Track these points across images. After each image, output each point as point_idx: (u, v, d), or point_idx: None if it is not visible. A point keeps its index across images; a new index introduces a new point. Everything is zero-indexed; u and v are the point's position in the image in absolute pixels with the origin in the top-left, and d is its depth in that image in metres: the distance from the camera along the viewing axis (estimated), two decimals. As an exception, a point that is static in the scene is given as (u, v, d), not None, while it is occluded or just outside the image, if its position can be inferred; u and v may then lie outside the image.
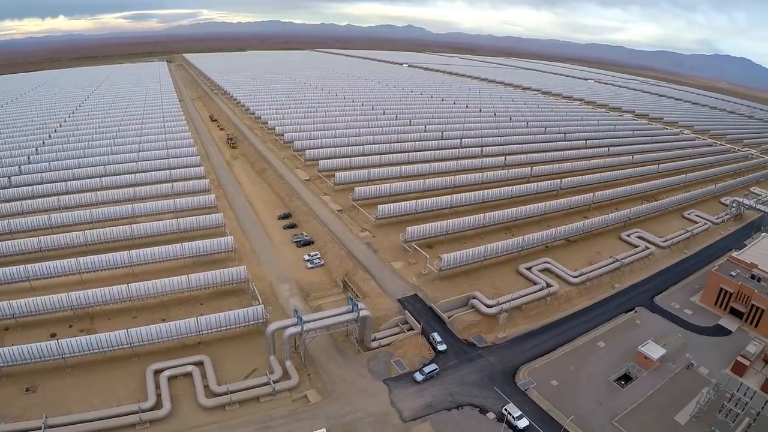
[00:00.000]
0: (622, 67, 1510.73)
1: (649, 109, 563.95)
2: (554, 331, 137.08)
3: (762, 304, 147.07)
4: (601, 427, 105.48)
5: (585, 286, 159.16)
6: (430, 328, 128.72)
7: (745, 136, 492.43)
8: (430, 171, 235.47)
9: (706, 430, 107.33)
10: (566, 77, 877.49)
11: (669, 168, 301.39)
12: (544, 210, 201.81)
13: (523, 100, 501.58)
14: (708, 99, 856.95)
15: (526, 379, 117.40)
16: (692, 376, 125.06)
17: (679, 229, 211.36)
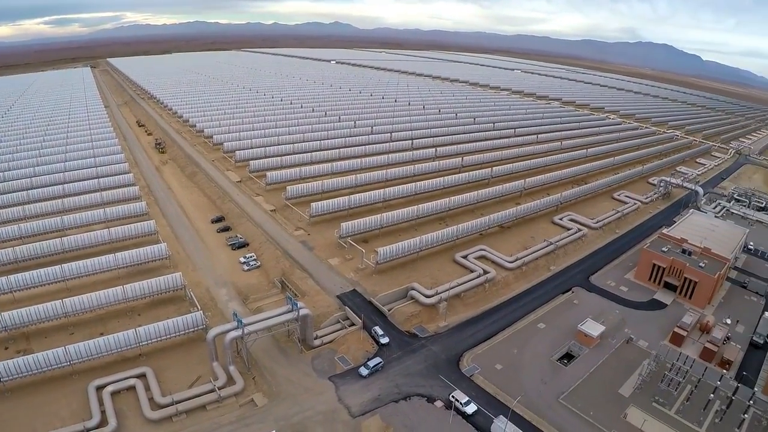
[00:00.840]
0: (548, 57, 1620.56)
1: (576, 97, 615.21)
2: (495, 317, 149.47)
3: (694, 276, 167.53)
4: (548, 405, 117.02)
5: (521, 270, 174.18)
6: (371, 322, 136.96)
7: (670, 119, 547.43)
8: (362, 166, 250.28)
9: (650, 400, 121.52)
10: (494, 68, 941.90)
11: (597, 152, 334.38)
12: (477, 198, 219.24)
13: (452, 92, 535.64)
14: (632, 84, 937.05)
15: (471, 365, 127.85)
16: (632, 349, 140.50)
17: (610, 210, 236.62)
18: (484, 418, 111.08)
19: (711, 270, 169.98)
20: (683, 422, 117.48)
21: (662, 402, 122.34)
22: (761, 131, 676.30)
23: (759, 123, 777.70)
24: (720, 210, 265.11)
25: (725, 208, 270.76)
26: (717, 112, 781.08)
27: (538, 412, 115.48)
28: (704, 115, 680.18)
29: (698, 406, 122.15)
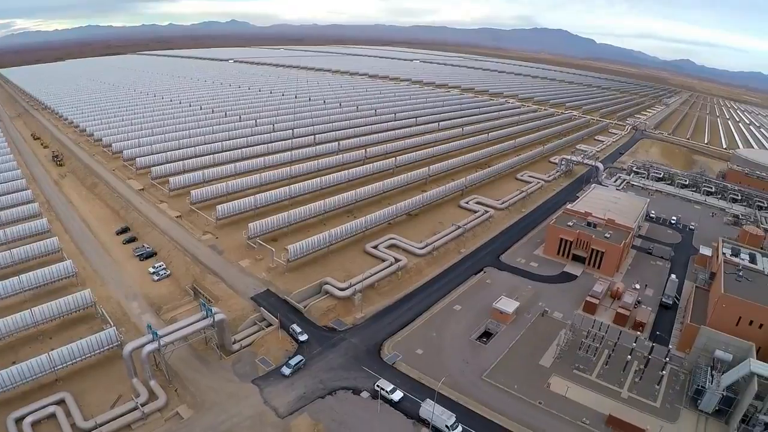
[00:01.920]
0: (446, 46, 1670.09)
1: (475, 84, 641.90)
2: (410, 303, 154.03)
3: (600, 247, 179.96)
4: (472, 384, 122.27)
5: (432, 255, 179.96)
6: (288, 321, 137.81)
7: (567, 100, 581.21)
8: (266, 165, 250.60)
9: (570, 368, 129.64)
10: (393, 60, 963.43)
11: (498, 135, 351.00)
12: (383, 189, 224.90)
13: (352, 85, 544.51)
14: (530, 69, 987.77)
15: (392, 353, 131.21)
16: (548, 322, 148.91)
17: (515, 190, 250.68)
18: (411, 404, 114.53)
19: (616, 240, 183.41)
20: (605, 385, 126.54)
21: (582, 368, 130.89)
22: (655, 107, 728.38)
23: (653, 99, 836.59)
24: (621, 183, 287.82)
25: (625, 180, 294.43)
26: (612, 91, 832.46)
27: (464, 391, 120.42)
28: (600, 95, 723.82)
29: (617, 369, 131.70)
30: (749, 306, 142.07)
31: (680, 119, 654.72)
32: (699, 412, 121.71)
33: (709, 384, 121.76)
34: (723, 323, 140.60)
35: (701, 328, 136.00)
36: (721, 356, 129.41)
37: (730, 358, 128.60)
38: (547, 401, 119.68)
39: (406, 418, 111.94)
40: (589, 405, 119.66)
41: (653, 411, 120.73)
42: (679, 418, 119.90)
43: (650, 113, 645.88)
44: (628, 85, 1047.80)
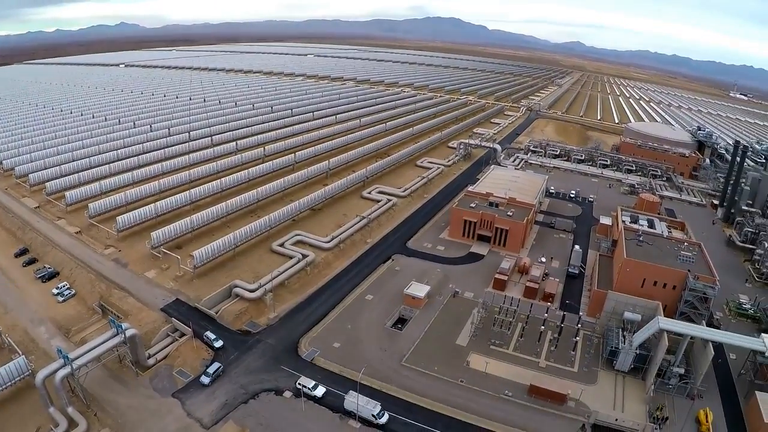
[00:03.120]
0: (340, 39, 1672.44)
1: (370, 75, 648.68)
2: (322, 297, 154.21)
3: (504, 225, 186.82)
4: (393, 371, 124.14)
5: (340, 248, 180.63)
6: (201, 329, 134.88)
7: (462, 86, 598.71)
8: (164, 170, 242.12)
9: (487, 344, 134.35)
10: (287, 56, 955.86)
11: (396, 124, 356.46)
12: (284, 186, 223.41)
13: (246, 84, 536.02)
14: (424, 58, 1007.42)
15: (309, 350, 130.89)
16: (460, 302, 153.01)
17: (416, 177, 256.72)
18: (335, 398, 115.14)
19: (519, 217, 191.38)
20: (522, 357, 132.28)
21: (499, 343, 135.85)
22: (548, 88, 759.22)
23: (546, 81, 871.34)
24: (519, 162, 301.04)
25: (523, 159, 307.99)
26: (506, 75, 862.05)
27: (385, 379, 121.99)
28: (494, 80, 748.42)
29: (533, 340, 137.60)
30: (651, 268, 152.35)
31: (573, 98, 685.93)
32: (616, 372, 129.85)
33: (622, 344, 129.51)
34: (628, 286, 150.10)
35: (608, 293, 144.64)
36: (630, 317, 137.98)
37: (639, 318, 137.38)
38: (469, 379, 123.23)
39: (332, 413, 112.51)
40: (509, 378, 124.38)
41: (572, 376, 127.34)
42: (597, 379, 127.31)
43: (544, 94, 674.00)
44: (522, 68, 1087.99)
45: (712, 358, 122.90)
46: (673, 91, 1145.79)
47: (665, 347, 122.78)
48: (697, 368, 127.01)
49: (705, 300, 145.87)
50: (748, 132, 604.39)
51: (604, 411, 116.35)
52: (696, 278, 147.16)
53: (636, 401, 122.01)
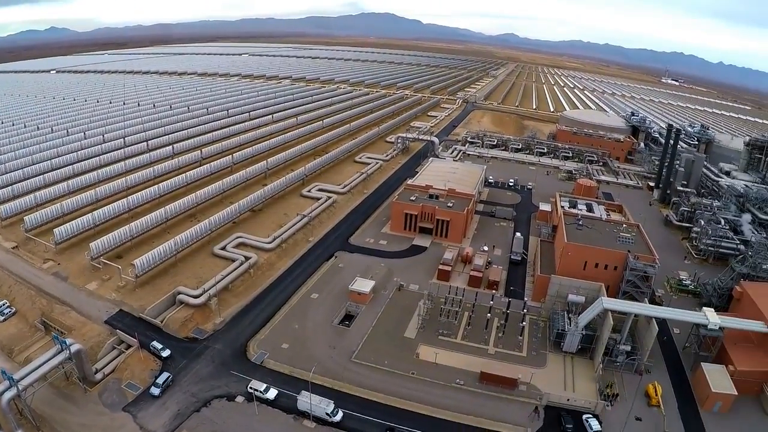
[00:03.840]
0: (274, 38, 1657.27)
1: (306, 72, 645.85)
2: (268, 299, 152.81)
3: (445, 216, 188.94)
4: (343, 368, 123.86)
5: (282, 248, 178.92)
6: (147, 339, 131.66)
7: (398, 80, 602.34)
8: (100, 178, 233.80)
9: (435, 335, 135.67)
10: (222, 56, 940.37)
11: (333, 121, 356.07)
12: (223, 188, 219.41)
13: (181, 85, 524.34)
14: (360, 54, 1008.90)
15: (258, 352, 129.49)
16: (406, 295, 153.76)
17: (355, 173, 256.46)
18: (288, 399, 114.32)
19: (459, 207, 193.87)
20: (471, 345, 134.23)
21: (447, 333, 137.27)
22: (484, 80, 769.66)
23: (481, 73, 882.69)
24: (457, 154, 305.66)
25: (461, 151, 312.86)
26: (441, 68, 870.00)
27: (336, 376, 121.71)
28: (430, 73, 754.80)
29: (480, 328, 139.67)
30: (592, 250, 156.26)
31: (508, 89, 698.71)
32: (564, 354, 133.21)
33: (568, 326, 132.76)
34: (571, 270, 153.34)
35: (552, 277, 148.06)
36: (574, 299, 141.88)
37: (583, 299, 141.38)
38: (419, 371, 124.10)
39: (286, 414, 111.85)
40: (460, 366, 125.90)
41: (521, 360, 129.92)
42: (546, 362, 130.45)
43: (480, 86, 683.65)
44: (457, 61, 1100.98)
45: (656, 334, 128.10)
46: (606, 79, 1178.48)
47: (610, 326, 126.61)
48: (643, 345, 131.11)
49: (646, 278, 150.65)
50: (681, 115, 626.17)
51: (555, 392, 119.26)
52: (636, 258, 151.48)
53: (586, 380, 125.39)
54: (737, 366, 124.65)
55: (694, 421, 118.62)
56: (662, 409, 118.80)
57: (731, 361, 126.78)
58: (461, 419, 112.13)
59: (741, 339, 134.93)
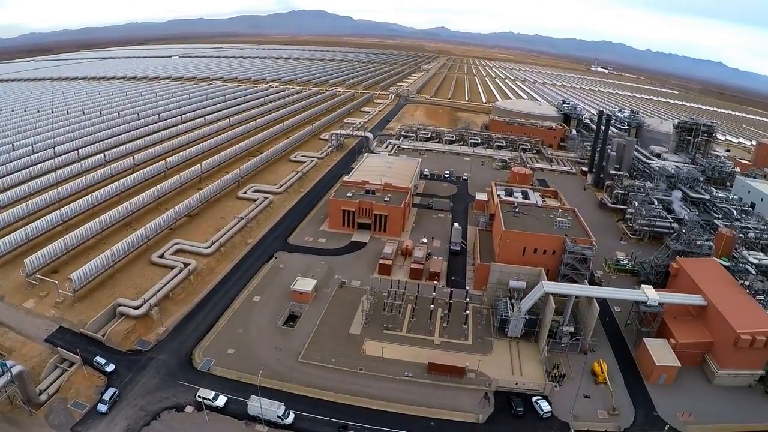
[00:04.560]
0: (204, 38, 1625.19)
1: (237, 73, 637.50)
2: (209, 305, 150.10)
3: (382, 211, 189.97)
4: (291, 369, 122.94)
5: (221, 252, 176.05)
6: (90, 354, 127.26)
7: (330, 77, 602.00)
8: (30, 191, 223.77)
9: (380, 329, 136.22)
10: (151, 58, 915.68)
11: (267, 121, 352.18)
12: (157, 194, 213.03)
13: (110, 91, 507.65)
14: (291, 52, 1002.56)
15: (204, 360, 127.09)
16: (348, 291, 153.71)
17: (290, 172, 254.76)
18: (238, 405, 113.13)
19: (396, 201, 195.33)
20: (417, 337, 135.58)
21: (392, 327, 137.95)
22: (416, 74, 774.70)
23: (413, 67, 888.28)
24: (392, 148, 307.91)
25: (396, 145, 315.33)
26: (373, 64, 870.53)
27: (285, 378, 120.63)
28: (362, 69, 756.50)
29: (424, 319, 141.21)
30: (530, 236, 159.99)
31: (441, 82, 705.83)
32: (509, 339, 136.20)
33: (511, 312, 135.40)
34: (510, 256, 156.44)
35: (491, 264, 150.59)
36: (515, 285, 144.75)
37: (524, 285, 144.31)
38: (367, 366, 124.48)
39: (238, 420, 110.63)
40: (407, 359, 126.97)
41: (468, 349, 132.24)
42: (492, 348, 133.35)
43: (412, 80, 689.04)
44: (389, 56, 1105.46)
45: (598, 314, 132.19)
46: (537, 69, 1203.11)
47: (553, 309, 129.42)
48: (586, 325, 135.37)
49: (584, 261, 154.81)
50: (611, 102, 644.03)
51: (503, 377, 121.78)
52: (573, 241, 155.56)
53: (533, 363, 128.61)
54: (678, 339, 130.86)
55: (640, 395, 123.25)
56: (609, 385, 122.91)
57: (672, 334, 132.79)
58: (412, 411, 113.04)
59: (680, 313, 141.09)
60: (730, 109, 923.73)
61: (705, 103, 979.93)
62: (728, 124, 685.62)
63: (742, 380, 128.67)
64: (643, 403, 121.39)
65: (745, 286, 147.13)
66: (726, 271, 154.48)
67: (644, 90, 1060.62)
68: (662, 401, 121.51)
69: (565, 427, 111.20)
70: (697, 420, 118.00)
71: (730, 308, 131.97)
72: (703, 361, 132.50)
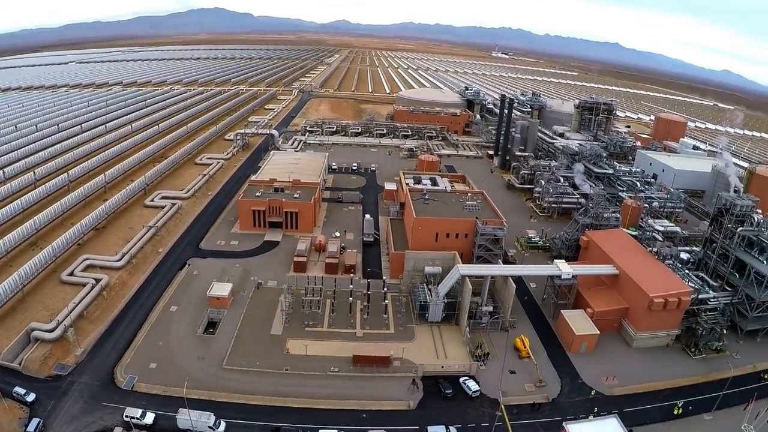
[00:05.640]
0: (102, 42, 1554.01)
1: (137, 76, 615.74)
2: (126, 320, 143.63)
3: (292, 208, 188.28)
4: (216, 377, 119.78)
5: (132, 264, 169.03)
6: (8, 385, 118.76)
7: (232, 76, 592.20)
8: None
9: (301, 327, 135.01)
10: (47, 66, 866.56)
11: (170, 124, 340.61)
12: (62, 209, 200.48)
13: (6, 102, 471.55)
14: (192, 52, 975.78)
15: (127, 378, 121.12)
16: (265, 292, 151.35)
17: (197, 175, 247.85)
18: (167, 420, 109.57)
19: (306, 197, 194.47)
20: (339, 331, 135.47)
21: (313, 324, 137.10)
22: (318, 68, 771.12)
23: (315, 61, 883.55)
24: (298, 144, 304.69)
25: (302, 141, 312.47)
26: (275, 60, 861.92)
27: (211, 387, 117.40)
28: (264, 66, 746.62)
29: (344, 312, 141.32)
30: (441, 222, 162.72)
31: (343, 75, 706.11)
32: (430, 324, 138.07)
33: (430, 298, 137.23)
34: (423, 243, 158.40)
35: (406, 252, 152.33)
36: (431, 271, 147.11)
37: (440, 269, 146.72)
38: (293, 365, 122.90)
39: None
40: (331, 354, 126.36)
41: (390, 338, 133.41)
42: (415, 335, 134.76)
43: (315, 74, 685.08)
44: (290, 51, 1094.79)
45: (515, 291, 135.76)
46: (439, 58, 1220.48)
47: (470, 291, 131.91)
48: (504, 303, 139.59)
49: (497, 241, 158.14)
50: (513, 86, 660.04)
51: (429, 362, 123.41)
52: (485, 223, 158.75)
53: (456, 346, 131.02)
54: (595, 308, 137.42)
55: (564, 365, 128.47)
56: (533, 358, 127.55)
57: (588, 304, 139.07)
58: (343, 405, 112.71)
59: (594, 283, 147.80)
60: (628, 88, 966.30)
61: (604, 82, 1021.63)
62: (627, 101, 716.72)
63: (660, 341, 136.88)
64: (567, 372, 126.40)
65: (654, 252, 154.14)
66: (634, 240, 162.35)
67: (545, 73, 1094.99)
68: (586, 368, 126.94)
69: (494, 404, 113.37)
70: (621, 382, 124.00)
71: (641, 274, 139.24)
72: (620, 326, 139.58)
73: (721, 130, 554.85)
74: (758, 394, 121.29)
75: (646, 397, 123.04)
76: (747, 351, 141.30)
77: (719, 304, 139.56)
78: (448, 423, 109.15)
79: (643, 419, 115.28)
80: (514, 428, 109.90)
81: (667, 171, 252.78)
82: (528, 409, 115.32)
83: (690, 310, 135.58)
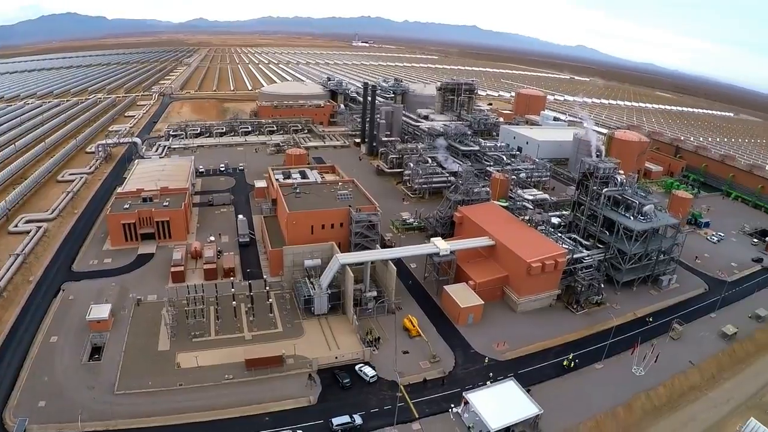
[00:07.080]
0: None
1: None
2: (6, 359, 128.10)
3: (163, 217, 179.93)
4: (110, 404, 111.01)
5: (3, 297, 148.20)
6: None
7: (88, 85, 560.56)
8: None
9: (188, 339, 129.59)
10: None
11: (27, 142, 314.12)
12: None
13: None
14: (43, 62, 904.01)
15: (17, 421, 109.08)
16: (146, 308, 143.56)
17: (61, 194, 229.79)
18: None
19: (176, 204, 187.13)
20: (227, 337, 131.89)
21: (200, 333, 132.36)
22: (177, 69, 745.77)
23: (174, 63, 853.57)
24: (162, 150, 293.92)
25: (166, 146, 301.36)
26: (132, 64, 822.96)
27: (106, 417, 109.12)
28: (121, 71, 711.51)
29: (230, 317, 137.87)
30: (315, 214, 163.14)
31: (204, 75, 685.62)
32: (318, 317, 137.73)
33: (313, 291, 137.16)
34: (299, 237, 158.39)
35: (283, 249, 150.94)
36: (310, 264, 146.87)
37: (319, 261, 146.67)
38: (186, 379, 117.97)
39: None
40: (223, 362, 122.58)
41: (280, 336, 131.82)
42: (304, 331, 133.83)
43: (174, 76, 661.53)
44: (148, 54, 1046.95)
45: (396, 273, 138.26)
46: (300, 51, 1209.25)
47: (352, 279, 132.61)
48: (387, 286, 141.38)
49: (372, 227, 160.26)
50: (375, 73, 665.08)
51: (322, 355, 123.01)
52: (358, 210, 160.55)
53: (346, 335, 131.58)
54: (476, 279, 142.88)
55: (455, 338, 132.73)
56: (423, 336, 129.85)
57: (469, 277, 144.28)
58: (245, 412, 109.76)
59: (472, 256, 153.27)
60: (488, 67, 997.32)
61: (464, 64, 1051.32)
62: (488, 80, 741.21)
63: (542, 302, 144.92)
64: (459, 344, 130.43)
65: (526, 220, 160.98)
66: (506, 211, 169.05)
67: (406, 59, 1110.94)
68: (476, 338, 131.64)
69: (393, 386, 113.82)
70: (512, 347, 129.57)
71: (516, 242, 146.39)
72: (503, 294, 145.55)
73: (579, 101, 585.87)
74: (641, 338, 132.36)
75: (538, 356, 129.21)
76: (625, 301, 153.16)
77: (594, 261, 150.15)
78: (352, 412, 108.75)
79: (539, 377, 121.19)
80: (417, 406, 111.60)
81: (531, 143, 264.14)
82: (429, 385, 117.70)
83: (567, 270, 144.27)
